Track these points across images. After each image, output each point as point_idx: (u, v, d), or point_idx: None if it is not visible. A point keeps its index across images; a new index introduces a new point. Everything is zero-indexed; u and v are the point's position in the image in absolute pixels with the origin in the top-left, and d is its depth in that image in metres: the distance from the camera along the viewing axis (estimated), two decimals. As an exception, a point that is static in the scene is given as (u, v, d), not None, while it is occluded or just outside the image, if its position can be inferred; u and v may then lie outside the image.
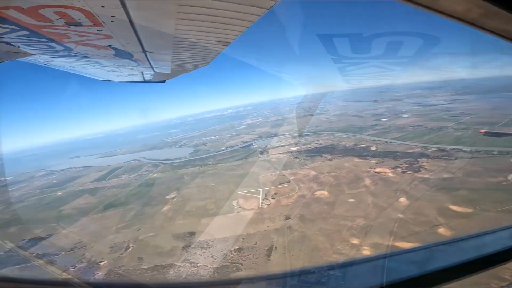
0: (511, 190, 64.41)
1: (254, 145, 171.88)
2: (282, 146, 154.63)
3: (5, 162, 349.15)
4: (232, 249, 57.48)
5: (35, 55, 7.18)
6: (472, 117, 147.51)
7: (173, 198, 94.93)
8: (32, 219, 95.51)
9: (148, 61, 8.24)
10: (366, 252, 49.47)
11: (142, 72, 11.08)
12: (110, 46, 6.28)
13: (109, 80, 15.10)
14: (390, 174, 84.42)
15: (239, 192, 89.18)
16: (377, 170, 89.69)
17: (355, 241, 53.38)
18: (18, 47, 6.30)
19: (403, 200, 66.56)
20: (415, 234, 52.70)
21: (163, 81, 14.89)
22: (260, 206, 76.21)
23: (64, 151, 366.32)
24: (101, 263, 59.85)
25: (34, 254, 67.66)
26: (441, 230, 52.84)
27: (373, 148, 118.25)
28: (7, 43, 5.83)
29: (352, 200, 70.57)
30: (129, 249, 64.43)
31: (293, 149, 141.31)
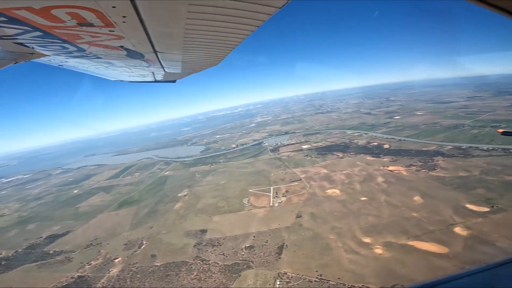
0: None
1: (264, 143, 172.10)
2: (292, 144, 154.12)
3: (23, 160, 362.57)
4: (243, 246, 57.65)
5: (49, 56, 7.31)
6: (489, 114, 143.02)
7: (185, 195, 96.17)
8: (50, 216, 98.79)
9: (159, 61, 8.28)
10: (379, 251, 48.78)
11: (153, 72, 11.21)
12: (121, 46, 6.34)
13: (121, 81, 15.37)
14: (404, 173, 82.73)
15: (250, 190, 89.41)
16: (391, 168, 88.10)
17: (367, 239, 52.64)
18: (33, 48, 6.42)
19: (417, 198, 65.11)
20: (430, 232, 51.55)
21: (174, 81, 15.08)
22: (271, 204, 76.17)
23: (79, 149, 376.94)
24: (116, 260, 61.23)
25: (51, 252, 69.99)
26: (457, 229, 51.53)
27: (386, 146, 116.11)
28: (21, 44, 5.95)
29: (365, 198, 69.57)
30: (143, 246, 65.65)
31: (304, 147, 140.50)
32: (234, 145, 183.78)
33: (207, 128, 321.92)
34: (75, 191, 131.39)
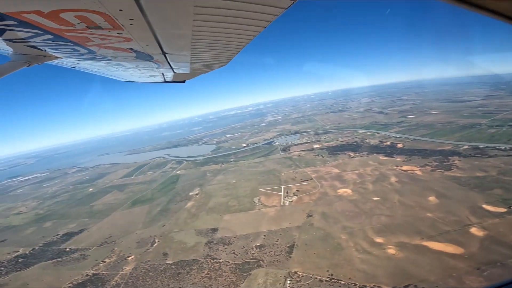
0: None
1: (275, 143, 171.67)
2: (303, 143, 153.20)
3: (40, 159, 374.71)
4: (254, 245, 57.80)
5: (61, 58, 7.45)
6: (506, 113, 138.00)
7: (196, 194, 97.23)
8: (66, 214, 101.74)
9: (168, 62, 8.33)
10: (391, 251, 47.98)
11: (162, 73, 11.34)
12: (130, 48, 6.43)
13: (132, 81, 15.66)
14: (418, 173, 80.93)
15: (261, 189, 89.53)
16: (404, 168, 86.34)
17: (379, 239, 51.85)
18: (45, 50, 6.59)
19: (432, 199, 63.61)
20: (445, 233, 50.32)
21: (183, 82, 15.28)
22: (281, 203, 76.05)
23: (94, 148, 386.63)
24: (129, 258, 62.46)
25: (67, 249, 71.96)
26: (473, 229, 50.12)
27: (400, 145, 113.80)
28: (34, 46, 6.13)
29: (377, 198, 68.50)
30: (155, 244, 66.74)
31: (314, 146, 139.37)
32: (244, 145, 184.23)
33: (218, 128, 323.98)
34: (90, 190, 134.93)
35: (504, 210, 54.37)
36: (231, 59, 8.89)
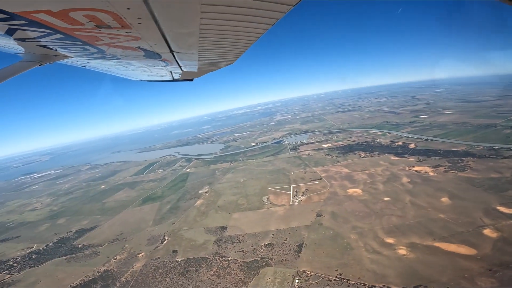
0: None
1: (284, 142, 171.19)
2: (313, 143, 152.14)
3: (54, 156, 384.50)
4: (262, 244, 57.85)
5: (72, 57, 7.52)
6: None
7: (206, 192, 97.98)
8: (79, 211, 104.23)
9: (176, 61, 8.35)
10: (402, 251, 47.20)
11: (171, 72, 11.37)
12: (139, 47, 6.47)
13: (141, 80, 15.81)
14: (431, 173, 79.25)
15: (270, 188, 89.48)
16: (417, 168, 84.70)
17: (390, 240, 51.10)
18: (56, 49, 6.67)
19: (445, 200, 62.22)
20: (457, 234, 49.18)
21: (191, 80, 15.38)
22: (290, 203, 75.83)
23: (106, 146, 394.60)
24: (139, 255, 63.45)
25: (80, 246, 73.58)
26: (487, 231, 48.80)
27: (412, 145, 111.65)
28: (44, 46, 6.20)
29: (388, 198, 67.47)
30: (165, 242, 67.60)
31: (324, 146, 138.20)
32: (253, 143, 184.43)
33: (227, 126, 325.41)
34: (102, 187, 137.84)
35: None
36: (239, 56, 8.89)
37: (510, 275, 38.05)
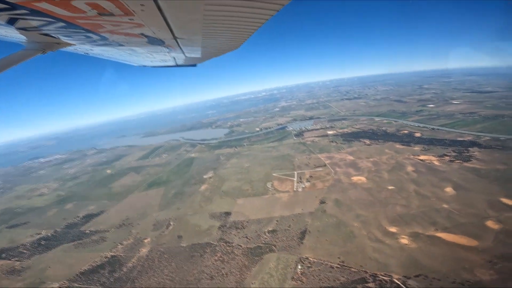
0: None
1: (288, 128, 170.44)
2: (317, 129, 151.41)
3: (60, 141, 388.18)
4: (266, 230, 58.80)
5: (75, 45, 7.53)
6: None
7: (210, 177, 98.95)
8: (86, 196, 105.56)
9: (180, 47, 8.27)
10: (404, 241, 47.81)
11: (174, 57, 11.25)
12: (142, 34, 6.42)
13: (144, 66, 15.76)
14: (436, 163, 78.94)
15: (274, 174, 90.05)
16: (422, 157, 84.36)
17: (393, 229, 51.66)
18: (58, 37, 6.68)
19: (449, 190, 62.28)
20: (460, 225, 49.52)
21: (195, 65, 15.25)
22: (294, 189, 76.48)
23: (111, 130, 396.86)
24: (145, 241, 64.76)
25: (87, 231, 74.85)
26: (489, 223, 49.01)
27: (418, 134, 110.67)
28: (47, 34, 6.22)
29: (393, 187, 67.69)
30: (170, 227, 68.78)
31: (329, 132, 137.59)
32: (258, 129, 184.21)
33: (231, 112, 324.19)
34: (108, 171, 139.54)
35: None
36: (243, 42, 8.73)
37: (510, 267, 38.45)
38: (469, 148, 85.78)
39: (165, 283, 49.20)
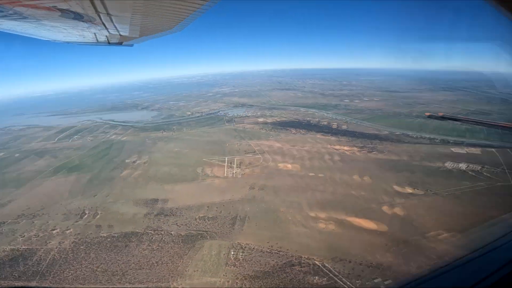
0: (445, 174, 71.83)
1: (220, 113, 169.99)
2: (248, 116, 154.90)
3: None
4: (197, 217, 57.88)
5: None
6: (422, 106, 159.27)
7: (134, 162, 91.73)
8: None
9: (103, 22, 7.42)
10: (322, 225, 53.08)
11: (95, 34, 10.04)
12: (55, 6, 5.58)
13: (55, 41, 13.66)
14: (348, 153, 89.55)
15: (204, 159, 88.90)
16: (337, 147, 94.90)
17: (312, 213, 56.56)
18: None
19: (356, 177, 70.90)
20: (364, 209, 56.49)
21: (121, 43, 13.82)
22: (225, 175, 77.21)
23: (5, 108, 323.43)
24: (54, 231, 56.62)
25: None
26: (385, 208, 57.50)
27: (334, 126, 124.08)
28: None
29: (313, 174, 74.37)
30: (85, 216, 61.58)
31: (259, 120, 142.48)
32: (189, 113, 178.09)
33: (161, 95, 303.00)
34: (1, 154, 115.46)
35: (410, 191, 63.23)
36: (179, 23, 8.27)
37: (402, 251, 44.63)
38: (373, 140, 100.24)
39: (87, 275, 44.28)
